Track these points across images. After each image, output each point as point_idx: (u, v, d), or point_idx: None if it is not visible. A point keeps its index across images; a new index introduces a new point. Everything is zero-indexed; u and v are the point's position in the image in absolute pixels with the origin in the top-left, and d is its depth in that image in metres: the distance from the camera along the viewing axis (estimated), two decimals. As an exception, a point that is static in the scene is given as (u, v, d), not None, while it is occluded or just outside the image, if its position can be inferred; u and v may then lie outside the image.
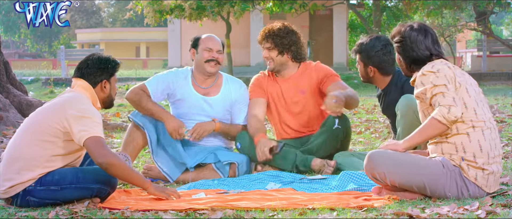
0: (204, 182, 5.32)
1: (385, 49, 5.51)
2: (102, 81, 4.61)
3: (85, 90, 4.56)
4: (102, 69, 4.60)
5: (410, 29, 4.45)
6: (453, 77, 4.27)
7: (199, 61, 5.84)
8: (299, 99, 5.90)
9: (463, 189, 4.26)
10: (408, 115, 5.25)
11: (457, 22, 26.70)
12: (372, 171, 4.32)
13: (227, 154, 5.67)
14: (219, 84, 5.92)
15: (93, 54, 4.67)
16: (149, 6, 24.19)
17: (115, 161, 4.32)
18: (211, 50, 5.80)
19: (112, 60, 4.65)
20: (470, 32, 40.23)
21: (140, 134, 5.68)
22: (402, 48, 4.47)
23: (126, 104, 16.15)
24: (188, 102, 5.83)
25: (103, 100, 4.65)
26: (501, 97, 14.63)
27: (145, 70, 42.13)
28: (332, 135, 5.69)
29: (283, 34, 5.85)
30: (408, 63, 4.47)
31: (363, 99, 15.62)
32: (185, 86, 5.85)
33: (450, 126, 4.21)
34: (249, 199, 4.50)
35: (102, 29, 55.96)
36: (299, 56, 5.91)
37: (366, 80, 5.61)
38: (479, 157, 4.24)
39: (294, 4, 23.22)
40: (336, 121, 5.68)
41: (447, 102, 4.17)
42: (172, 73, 5.89)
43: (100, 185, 4.45)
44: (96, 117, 4.40)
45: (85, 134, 4.31)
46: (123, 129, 9.86)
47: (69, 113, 4.36)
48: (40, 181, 4.40)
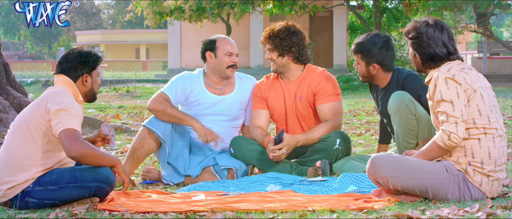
0: (204, 184, 5.31)
1: (387, 45, 5.51)
2: (83, 75, 4.61)
3: (66, 85, 4.58)
4: (82, 63, 4.61)
5: (426, 25, 4.40)
6: (470, 83, 4.25)
7: (218, 65, 5.80)
8: (297, 104, 5.84)
9: (466, 193, 4.26)
10: (401, 110, 5.25)
11: (457, 23, 26.70)
12: (374, 176, 4.31)
13: (226, 159, 5.65)
14: (233, 83, 5.91)
15: (74, 49, 4.69)
16: (149, 7, 24.20)
17: (86, 151, 4.32)
18: (232, 54, 5.79)
19: (93, 54, 4.66)
20: (470, 34, 40.23)
21: (150, 143, 5.65)
22: (418, 45, 4.41)
23: (126, 106, 16.16)
24: (203, 104, 5.82)
25: (85, 94, 4.66)
26: (501, 99, 14.63)
27: (145, 72, 42.16)
28: (331, 153, 5.60)
29: (283, 36, 5.75)
30: (425, 59, 4.41)
31: (363, 101, 15.63)
32: (198, 89, 5.82)
33: (452, 150, 4.24)
34: (249, 200, 4.50)
35: (102, 30, 55.99)
36: (301, 57, 5.80)
37: (367, 79, 5.59)
38: (487, 164, 4.24)
39: (294, 5, 23.22)
40: (337, 140, 5.61)
41: (449, 128, 4.17)
42: (186, 76, 5.85)
43: (98, 184, 4.45)
44: (73, 109, 4.39)
45: (60, 126, 4.32)
46: (123, 130, 9.86)
47: (49, 106, 4.39)
48: (38, 182, 4.41)
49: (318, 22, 31.04)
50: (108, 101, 18.42)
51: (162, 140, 5.59)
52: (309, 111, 5.81)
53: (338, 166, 5.56)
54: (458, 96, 4.20)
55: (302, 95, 5.80)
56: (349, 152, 5.77)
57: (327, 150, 5.61)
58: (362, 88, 20.95)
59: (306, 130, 5.81)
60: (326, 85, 5.77)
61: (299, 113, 5.82)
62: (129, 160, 5.63)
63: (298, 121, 5.86)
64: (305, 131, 5.80)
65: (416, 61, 4.48)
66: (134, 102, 17.99)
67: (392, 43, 5.62)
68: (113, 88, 21.37)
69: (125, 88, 21.52)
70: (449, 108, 4.19)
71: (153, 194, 4.95)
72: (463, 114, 4.18)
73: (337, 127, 5.73)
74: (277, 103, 5.88)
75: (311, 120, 5.83)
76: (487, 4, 22.73)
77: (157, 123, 5.62)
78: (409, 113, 5.23)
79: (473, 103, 4.23)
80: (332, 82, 5.80)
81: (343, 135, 5.67)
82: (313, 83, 5.79)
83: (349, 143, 5.72)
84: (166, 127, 5.61)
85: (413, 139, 5.26)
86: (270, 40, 5.79)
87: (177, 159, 5.62)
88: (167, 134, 5.61)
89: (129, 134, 9.69)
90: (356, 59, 5.57)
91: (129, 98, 19.71)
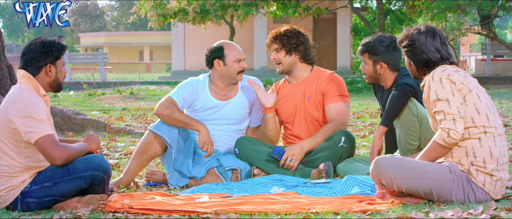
0: (207, 186, 5.32)
1: (394, 44, 5.52)
2: (46, 65, 4.56)
3: (26, 80, 4.54)
4: (45, 52, 4.55)
5: (418, 32, 4.46)
6: (464, 83, 4.27)
7: (228, 73, 5.81)
8: (306, 105, 5.88)
9: (470, 194, 4.26)
10: (403, 111, 5.26)
11: (461, 25, 26.69)
12: (378, 177, 4.32)
13: (230, 160, 5.67)
14: (236, 86, 5.94)
15: (37, 39, 4.63)
16: (152, 9, 24.22)
17: (68, 155, 4.38)
18: (240, 60, 5.82)
19: (57, 43, 4.60)
20: (474, 36, 40.19)
21: (156, 147, 5.66)
22: (411, 52, 4.47)
23: (129, 108, 16.17)
24: (208, 109, 5.84)
25: (50, 84, 4.61)
26: (505, 101, 14.62)
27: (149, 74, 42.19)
28: (336, 152, 5.64)
29: (290, 35, 5.86)
30: (419, 66, 4.47)
31: (367, 103, 15.62)
32: (204, 96, 5.84)
33: (453, 147, 4.24)
34: (252, 202, 4.50)
35: (105, 33, 56.10)
36: (307, 56, 5.91)
37: (373, 80, 5.60)
38: (489, 162, 4.25)
39: (298, 7, 23.23)
40: (342, 138, 5.65)
41: (447, 125, 4.19)
42: (193, 82, 5.87)
43: (91, 172, 4.46)
44: (38, 113, 4.37)
45: (33, 135, 4.33)
46: (127, 132, 9.87)
47: (11, 114, 4.38)
48: (34, 181, 4.44)
49: (321, 24, 31.05)
50: (112, 104, 18.44)
51: (168, 144, 5.60)
52: (318, 112, 5.85)
53: (342, 167, 5.57)
54: (453, 94, 4.24)
55: (311, 95, 5.86)
56: (354, 151, 5.80)
57: (332, 148, 5.64)
58: (366, 90, 20.94)
59: (313, 132, 5.84)
60: (335, 86, 5.86)
61: (308, 113, 5.87)
62: (134, 162, 5.63)
63: (305, 122, 5.89)
64: (311, 134, 5.83)
65: (412, 69, 4.54)
66: (138, 104, 18.01)
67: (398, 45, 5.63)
68: (116, 90, 21.38)
69: (128, 90, 21.52)
70: (446, 106, 4.21)
71: (157, 196, 4.96)
72: (460, 111, 4.21)
73: (342, 127, 5.76)
74: (286, 106, 5.94)
75: (319, 122, 5.86)
76: (491, 6, 22.69)
77: (163, 127, 5.63)
78: (411, 114, 5.23)
79: (470, 102, 4.25)
80: (341, 84, 5.90)
81: (348, 134, 5.71)
82: (322, 84, 5.87)
83: (354, 142, 5.75)
84: (173, 131, 5.62)
85: (416, 141, 5.26)
86: (277, 39, 5.88)
87: (182, 164, 5.64)
88: (173, 138, 5.62)
89: (133, 136, 9.70)
90: (363, 60, 5.58)
91: (132, 100, 19.72)
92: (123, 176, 5.59)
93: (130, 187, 5.52)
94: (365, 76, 5.64)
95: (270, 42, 5.92)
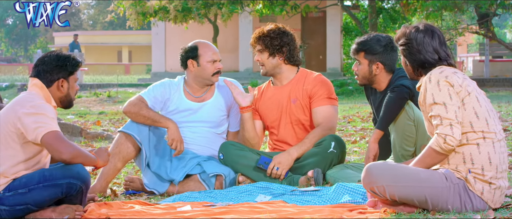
0: (189, 194, 5.32)
1: (391, 44, 5.53)
2: (59, 80, 4.62)
3: (38, 89, 4.59)
4: (59, 67, 4.61)
5: (416, 30, 4.44)
6: (463, 86, 4.26)
7: (202, 74, 5.84)
8: (291, 107, 5.88)
9: (467, 203, 4.24)
10: (399, 115, 5.27)
11: (458, 25, 26.75)
12: (370, 185, 4.30)
13: (213, 165, 5.67)
14: (212, 88, 5.96)
15: (52, 51, 4.69)
16: (131, 7, 24.20)
17: (76, 151, 4.39)
18: (215, 61, 5.83)
19: (72, 58, 4.66)
20: (471, 36, 40.37)
21: (128, 147, 5.68)
22: (408, 51, 4.45)
23: (107, 112, 16.15)
24: (183, 111, 5.85)
25: (60, 99, 4.67)
26: (504, 104, 14.68)
27: (128, 75, 42.12)
28: (326, 158, 5.64)
29: (273, 35, 5.83)
30: (415, 67, 4.46)
31: (358, 106, 15.66)
32: (177, 97, 5.87)
33: (449, 153, 4.24)
34: (237, 212, 4.51)
35: (81, 32, 55.91)
36: (292, 58, 5.87)
37: (366, 81, 5.60)
38: (488, 170, 4.24)
39: (285, 5, 23.26)
40: (332, 144, 5.65)
41: (444, 130, 4.17)
42: (166, 83, 5.91)
43: (69, 180, 4.44)
44: (49, 112, 4.42)
45: (41, 130, 4.35)
46: (104, 137, 9.86)
47: (21, 112, 4.40)
48: (8, 188, 4.43)
49: (310, 23, 31.08)
50: (88, 107, 18.41)
51: (138, 142, 5.62)
52: (304, 115, 5.85)
53: (332, 174, 5.57)
54: (450, 98, 4.22)
55: (297, 97, 5.85)
56: (344, 157, 5.80)
57: (321, 154, 5.64)
58: (357, 93, 20.99)
59: (300, 137, 5.84)
60: (322, 88, 5.84)
61: (294, 117, 5.86)
62: (107, 166, 5.61)
63: (291, 125, 5.89)
64: (298, 138, 5.83)
65: (408, 69, 4.52)
66: (116, 108, 17.99)
67: (396, 45, 5.64)
68: (93, 93, 21.35)
69: (106, 93, 21.50)
70: (442, 110, 4.20)
71: (136, 205, 4.95)
72: (458, 116, 4.19)
73: (330, 131, 5.76)
74: (270, 110, 5.93)
75: (305, 126, 5.86)
76: (490, 3, 22.79)
77: (132, 126, 5.68)
78: (408, 118, 5.23)
79: (469, 106, 4.24)
80: (329, 86, 5.89)
81: (338, 139, 5.71)
82: (308, 86, 5.86)
83: (344, 148, 5.75)
84: (142, 129, 5.66)
85: (411, 147, 5.26)
86: (260, 40, 5.87)
87: (160, 167, 5.64)
88: (144, 137, 5.65)
89: (111, 141, 9.69)
90: (358, 59, 5.57)
91: (110, 104, 19.71)
92: (96, 182, 5.59)
93: (107, 195, 5.52)
94: (358, 77, 5.63)
95: (253, 43, 5.93)
